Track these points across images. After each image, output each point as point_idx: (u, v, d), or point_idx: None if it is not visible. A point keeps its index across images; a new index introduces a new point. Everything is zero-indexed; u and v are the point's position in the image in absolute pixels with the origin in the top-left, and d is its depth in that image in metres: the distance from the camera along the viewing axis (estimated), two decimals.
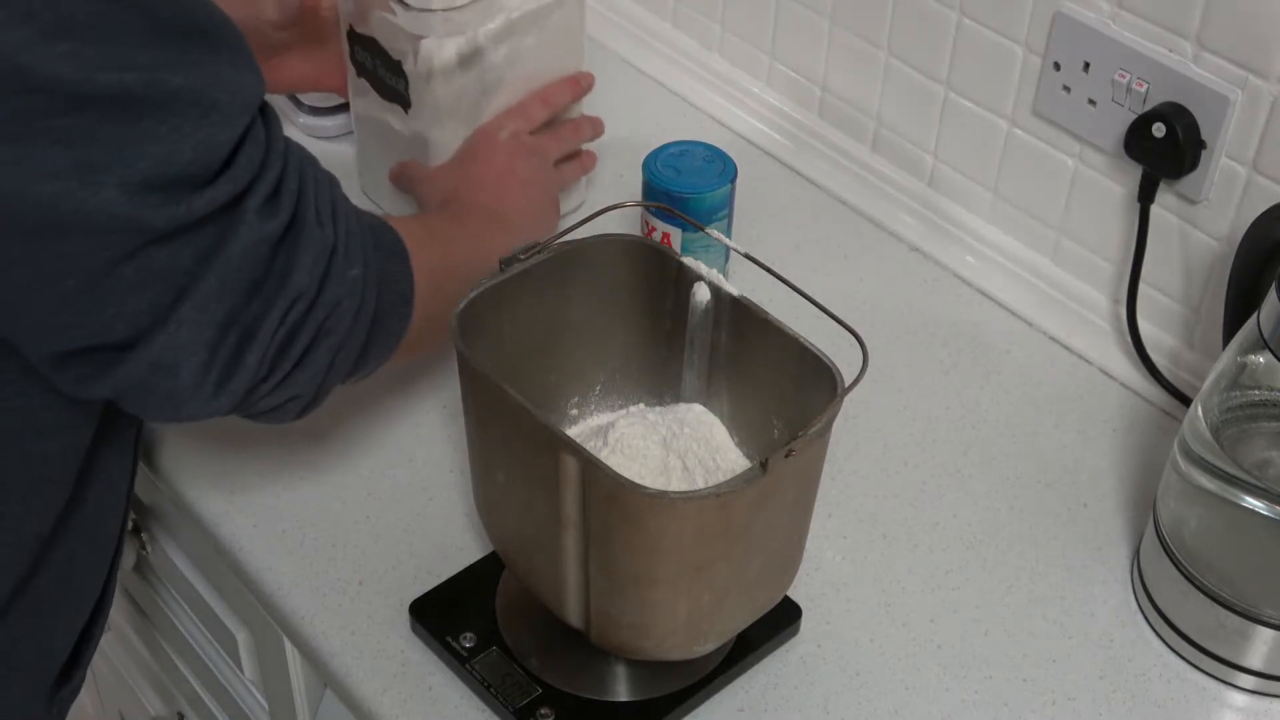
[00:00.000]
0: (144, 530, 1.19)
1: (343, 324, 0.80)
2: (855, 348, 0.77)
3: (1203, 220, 1.03)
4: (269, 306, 0.75)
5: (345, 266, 0.79)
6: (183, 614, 1.22)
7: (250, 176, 0.73)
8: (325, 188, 0.80)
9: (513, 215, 1.04)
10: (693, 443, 0.87)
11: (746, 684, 0.90)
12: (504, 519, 0.86)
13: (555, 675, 0.88)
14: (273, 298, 0.75)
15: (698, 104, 1.35)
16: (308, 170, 0.78)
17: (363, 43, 1.11)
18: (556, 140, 1.14)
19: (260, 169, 0.74)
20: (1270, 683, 0.91)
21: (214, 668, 1.22)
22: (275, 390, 0.79)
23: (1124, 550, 0.98)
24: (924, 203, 1.22)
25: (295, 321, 0.77)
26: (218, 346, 0.75)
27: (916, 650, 0.92)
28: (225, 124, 0.71)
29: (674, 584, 0.78)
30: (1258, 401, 0.87)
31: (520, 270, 0.85)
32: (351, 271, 0.79)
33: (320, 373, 0.81)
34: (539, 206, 1.08)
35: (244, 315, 0.75)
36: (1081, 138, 1.08)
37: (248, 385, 0.77)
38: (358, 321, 0.81)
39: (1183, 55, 0.99)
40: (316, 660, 0.93)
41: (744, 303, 0.84)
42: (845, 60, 1.24)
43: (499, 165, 1.08)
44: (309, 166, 0.79)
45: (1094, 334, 1.12)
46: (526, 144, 1.10)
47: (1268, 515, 0.85)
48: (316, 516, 0.98)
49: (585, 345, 0.91)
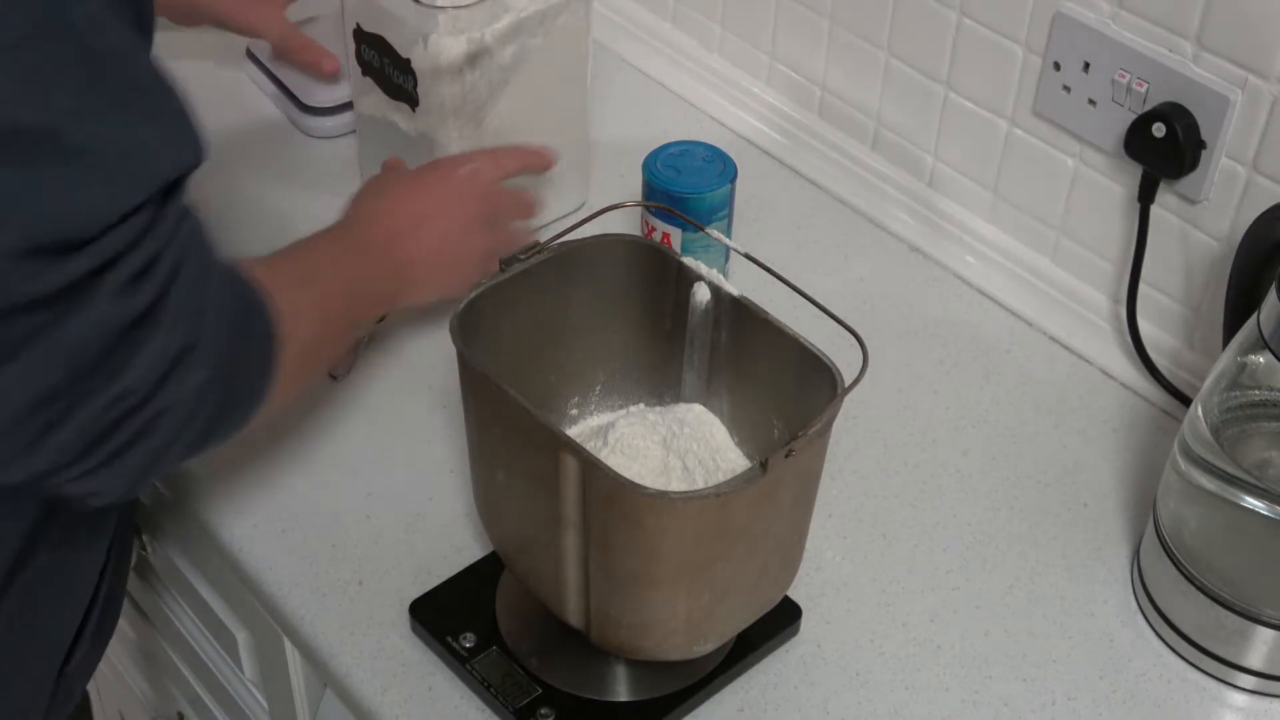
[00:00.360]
0: (144, 530, 1.19)
1: (169, 428, 0.71)
2: (855, 348, 0.77)
3: (1203, 220, 1.03)
4: (91, 396, 0.67)
5: (191, 370, 0.71)
6: (183, 614, 1.22)
7: (117, 251, 0.66)
8: (204, 277, 0.71)
9: (410, 266, 0.98)
10: (693, 443, 0.87)
11: (746, 684, 0.90)
12: (504, 519, 0.86)
13: (555, 675, 0.88)
14: (99, 388, 0.67)
15: (698, 104, 1.35)
16: (189, 257, 0.70)
17: (370, 40, 1.11)
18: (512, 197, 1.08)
19: (132, 244, 0.67)
20: (1270, 683, 0.91)
21: (214, 668, 1.22)
22: (78, 481, 0.71)
23: (1124, 550, 0.98)
24: (924, 202, 1.22)
25: (115, 418, 0.69)
26: (24, 423, 0.67)
27: (916, 650, 0.92)
28: (120, 194, 0.65)
29: (674, 584, 0.78)
30: (1258, 401, 0.87)
31: (520, 270, 0.85)
32: (197, 375, 0.71)
33: (133, 474, 0.72)
34: (445, 264, 1.01)
35: (62, 398, 0.67)
36: (1081, 138, 1.08)
37: (45, 468, 0.70)
38: (188, 426, 0.72)
39: (1183, 55, 0.99)
40: (316, 660, 0.93)
41: (744, 303, 0.84)
42: (845, 60, 1.24)
43: (432, 203, 1.01)
44: (194, 253, 0.71)
45: (1094, 334, 1.12)
46: (482, 188, 1.04)
47: (1268, 515, 0.85)
48: (316, 516, 0.98)
49: (585, 345, 0.91)
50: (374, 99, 1.15)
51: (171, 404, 0.70)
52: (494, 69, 1.09)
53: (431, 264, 1.00)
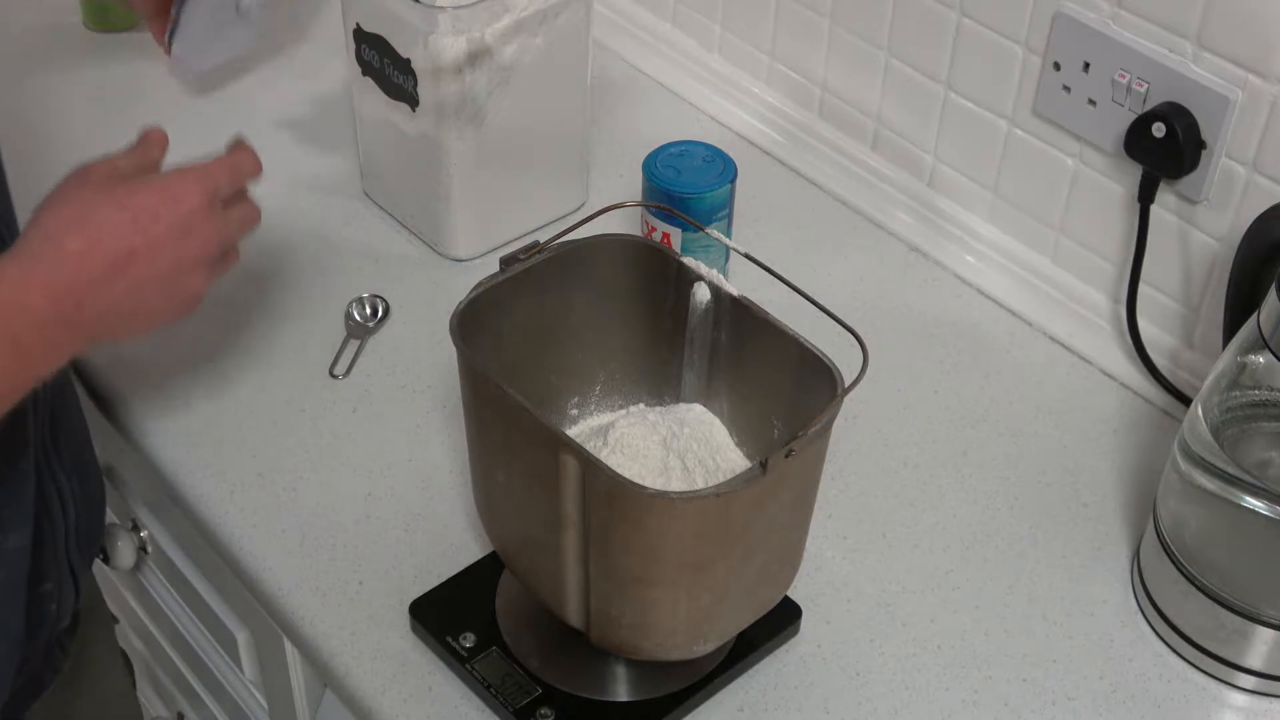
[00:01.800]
0: (144, 530, 1.19)
1: None
2: (855, 348, 0.77)
3: (1203, 220, 1.03)
4: None
5: None
6: (183, 614, 1.22)
7: None
8: None
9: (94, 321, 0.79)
10: (693, 443, 0.87)
11: (746, 684, 0.90)
12: (504, 519, 0.86)
13: (555, 675, 0.88)
14: None
15: (698, 104, 1.35)
16: None
17: (370, 40, 1.11)
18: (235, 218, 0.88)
19: None
20: (1270, 683, 0.91)
21: (214, 668, 1.22)
22: None
23: (1124, 550, 0.98)
24: (923, 202, 1.22)
25: None
26: None
27: (916, 650, 0.92)
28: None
29: (674, 584, 0.78)
30: (1258, 401, 0.87)
31: (520, 270, 0.85)
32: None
33: None
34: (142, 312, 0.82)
35: None
36: (1081, 138, 1.08)
37: None
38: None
39: (1183, 55, 0.99)
40: (316, 660, 0.93)
41: (744, 303, 0.84)
42: (845, 60, 1.24)
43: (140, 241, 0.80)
44: None
45: (1094, 334, 1.12)
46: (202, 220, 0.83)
47: (1268, 515, 0.85)
48: (316, 516, 0.98)
49: (585, 345, 0.91)
50: (374, 100, 1.15)
51: None
52: (494, 69, 1.09)
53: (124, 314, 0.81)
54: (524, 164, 1.17)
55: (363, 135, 1.21)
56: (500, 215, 1.18)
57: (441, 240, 1.18)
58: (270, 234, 1.21)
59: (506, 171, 1.15)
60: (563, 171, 1.21)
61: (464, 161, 1.12)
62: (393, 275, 1.16)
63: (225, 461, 1.01)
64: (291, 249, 1.19)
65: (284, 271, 1.16)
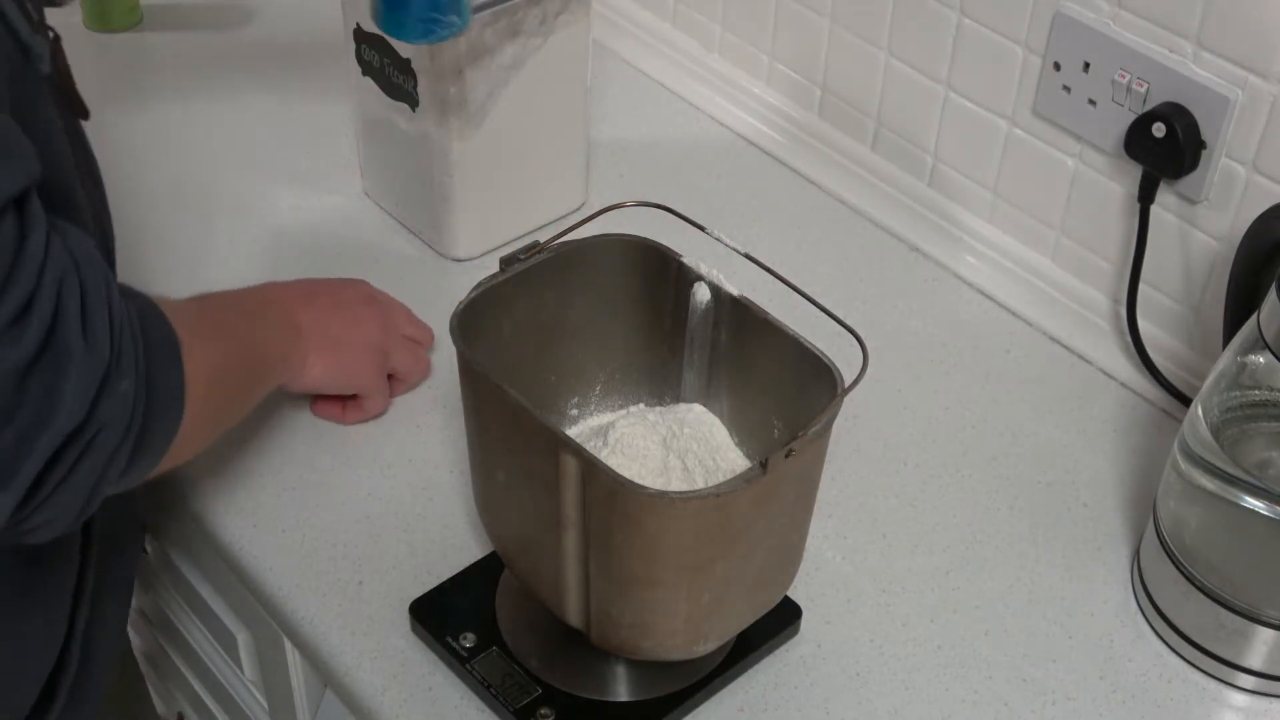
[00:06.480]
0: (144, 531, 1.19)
1: (111, 441, 0.71)
2: (855, 348, 0.77)
3: (1203, 220, 1.03)
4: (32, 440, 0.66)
5: (117, 382, 0.70)
6: (183, 614, 1.22)
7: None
8: (96, 294, 0.69)
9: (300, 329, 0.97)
10: (693, 443, 0.87)
11: (746, 684, 0.90)
12: (504, 519, 0.86)
13: (555, 675, 0.88)
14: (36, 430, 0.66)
15: (698, 104, 1.35)
16: (69, 281, 0.68)
17: (370, 41, 1.11)
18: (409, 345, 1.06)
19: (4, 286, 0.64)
20: (1270, 683, 0.91)
21: (214, 668, 1.22)
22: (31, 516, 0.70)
23: (1124, 550, 0.98)
24: (924, 202, 1.22)
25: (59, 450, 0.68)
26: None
27: (916, 650, 0.92)
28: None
29: (674, 584, 0.78)
30: (1258, 401, 0.87)
31: (520, 270, 0.85)
32: (122, 385, 0.70)
33: (82, 494, 0.71)
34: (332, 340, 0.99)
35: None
36: (1081, 138, 1.08)
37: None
38: (127, 435, 0.72)
39: (1183, 55, 0.99)
40: (316, 660, 0.93)
41: (744, 303, 0.84)
42: (845, 60, 1.24)
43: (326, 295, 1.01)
44: (71, 275, 0.68)
45: (1094, 334, 1.12)
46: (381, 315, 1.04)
47: (1268, 515, 0.85)
48: (316, 516, 0.98)
49: (585, 345, 0.91)
50: (375, 100, 1.15)
51: (110, 418, 0.70)
52: (494, 69, 1.09)
53: (320, 333, 0.98)
54: (524, 164, 1.17)
55: (363, 135, 1.21)
56: (500, 215, 1.18)
57: (441, 240, 1.18)
58: (270, 234, 1.21)
59: (506, 172, 1.16)
60: (563, 171, 1.21)
61: (464, 161, 1.12)
62: (393, 275, 1.15)
63: (225, 462, 1.01)
64: (292, 249, 1.19)
65: (284, 272, 1.16)
